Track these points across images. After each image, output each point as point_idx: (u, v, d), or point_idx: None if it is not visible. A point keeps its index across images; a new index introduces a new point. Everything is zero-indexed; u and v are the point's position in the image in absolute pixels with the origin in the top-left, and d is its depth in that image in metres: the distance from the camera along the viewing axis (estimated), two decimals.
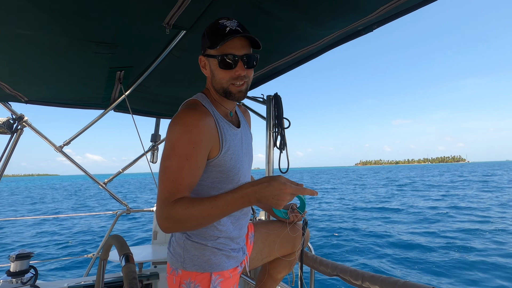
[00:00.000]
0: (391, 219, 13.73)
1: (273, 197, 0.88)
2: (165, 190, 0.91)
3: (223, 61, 0.99)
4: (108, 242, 1.12)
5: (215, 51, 1.00)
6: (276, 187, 0.88)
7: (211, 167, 1.04)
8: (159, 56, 1.63)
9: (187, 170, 0.93)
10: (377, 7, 1.16)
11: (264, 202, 0.89)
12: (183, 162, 0.93)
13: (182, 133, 0.94)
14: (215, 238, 1.09)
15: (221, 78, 1.02)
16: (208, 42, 1.02)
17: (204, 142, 0.97)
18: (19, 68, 1.70)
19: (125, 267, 0.88)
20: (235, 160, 1.09)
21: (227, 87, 1.03)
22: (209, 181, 1.06)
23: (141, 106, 2.74)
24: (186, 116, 0.97)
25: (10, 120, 2.27)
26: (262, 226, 1.43)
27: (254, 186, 0.89)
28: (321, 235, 10.49)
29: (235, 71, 1.00)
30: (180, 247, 1.08)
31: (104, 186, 2.82)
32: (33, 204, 25.66)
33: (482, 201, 18.66)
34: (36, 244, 10.03)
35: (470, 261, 7.35)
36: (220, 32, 0.98)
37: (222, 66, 1.00)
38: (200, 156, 0.97)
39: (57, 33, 1.29)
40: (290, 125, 1.75)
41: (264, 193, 0.88)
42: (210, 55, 1.03)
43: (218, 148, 1.03)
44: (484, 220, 12.63)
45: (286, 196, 0.88)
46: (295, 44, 1.52)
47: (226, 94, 1.05)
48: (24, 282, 1.81)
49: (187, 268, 1.06)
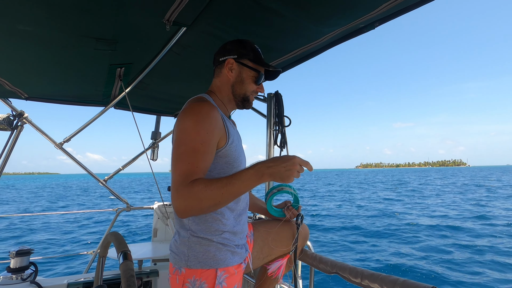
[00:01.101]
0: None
1: (285, 167, 0.95)
2: (182, 173, 0.95)
3: (261, 78, 1.20)
4: (106, 239, 1.12)
5: (255, 65, 1.18)
6: (286, 158, 0.97)
7: (218, 157, 1.09)
8: (159, 53, 1.62)
9: (202, 154, 0.99)
10: (380, 4, 1.15)
11: (276, 175, 0.96)
12: (198, 146, 0.98)
13: (196, 121, 1.01)
14: (220, 232, 1.10)
15: (249, 88, 1.19)
16: (251, 55, 1.18)
17: (216, 130, 1.04)
18: (19, 65, 1.69)
19: (122, 264, 0.88)
20: (239, 152, 1.16)
21: (249, 95, 1.21)
22: (216, 172, 1.10)
23: (141, 103, 2.73)
24: (198, 106, 1.04)
25: (10, 117, 2.27)
26: (260, 225, 1.44)
27: (266, 162, 0.98)
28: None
29: (260, 88, 1.23)
30: (185, 245, 1.09)
31: (104, 184, 2.83)
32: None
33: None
34: (36, 241, 10.07)
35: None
36: (260, 57, 1.21)
37: (256, 81, 1.19)
38: (213, 142, 1.03)
39: (57, 29, 1.28)
40: (291, 123, 1.74)
41: (276, 166, 0.96)
42: (248, 66, 1.18)
43: (225, 139, 1.09)
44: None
45: (296, 165, 0.96)
46: (296, 42, 1.51)
47: (243, 100, 1.21)
48: (24, 278, 1.81)
49: (192, 266, 1.06)
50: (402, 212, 16.07)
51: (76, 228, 12.37)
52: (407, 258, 7.83)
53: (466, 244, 9.18)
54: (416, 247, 8.96)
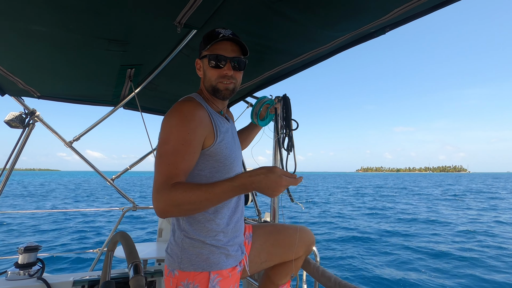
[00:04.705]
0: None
1: (269, 189, 0.91)
2: (162, 174, 0.95)
3: (213, 60, 1.10)
4: (115, 238, 1.11)
5: (207, 51, 1.11)
6: (272, 180, 0.91)
7: (208, 156, 1.08)
8: (169, 54, 1.64)
9: (182, 155, 0.98)
10: (391, 10, 1.15)
11: (259, 191, 0.93)
12: (179, 147, 0.97)
13: (177, 120, 1.01)
14: (213, 233, 1.10)
15: (211, 76, 1.12)
16: (203, 45, 1.13)
17: (199, 129, 1.02)
18: (32, 64, 1.73)
19: (133, 279, 0.83)
20: (230, 149, 1.14)
21: (215, 84, 1.13)
22: (207, 171, 1.09)
23: (150, 104, 2.76)
24: (180, 106, 1.04)
25: (23, 115, 2.31)
26: (261, 228, 1.42)
27: (251, 177, 0.92)
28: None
29: (223, 70, 1.11)
30: (178, 247, 1.08)
31: (111, 182, 2.85)
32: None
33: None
34: (44, 238, 10.20)
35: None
36: (214, 37, 1.09)
37: (212, 65, 1.11)
38: (195, 142, 1.01)
39: (70, 30, 1.30)
40: (298, 126, 1.74)
41: (261, 185, 0.91)
42: (203, 56, 1.13)
43: (213, 137, 1.08)
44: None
45: (281, 188, 0.92)
46: (305, 46, 1.51)
47: (214, 91, 1.14)
48: (31, 274, 1.84)
49: (185, 268, 1.06)
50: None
51: (83, 226, 12.50)
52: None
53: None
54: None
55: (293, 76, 1.92)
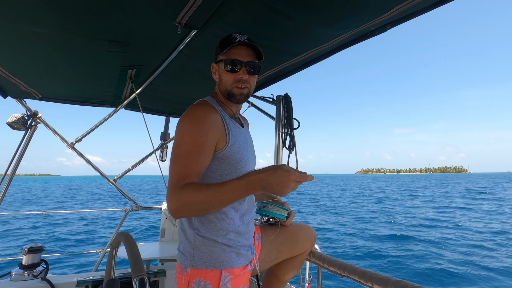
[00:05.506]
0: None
1: (278, 184, 0.90)
2: (175, 175, 0.98)
3: (229, 64, 1.12)
4: (119, 238, 1.09)
5: (223, 55, 1.13)
6: (280, 174, 0.90)
7: (220, 159, 1.09)
8: (170, 55, 1.64)
9: (195, 157, 1.00)
10: (392, 7, 1.14)
11: (269, 189, 0.92)
12: (192, 149, 1.00)
13: (190, 123, 1.03)
14: (224, 233, 1.11)
15: (227, 80, 1.14)
16: (219, 50, 1.16)
17: (211, 132, 1.04)
18: (34, 66, 1.73)
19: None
20: (242, 153, 1.15)
21: (230, 89, 1.14)
22: (218, 174, 1.10)
23: (151, 105, 2.77)
24: (194, 110, 1.07)
25: (25, 117, 2.32)
26: (270, 228, 1.44)
27: (259, 174, 0.92)
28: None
29: (238, 75, 1.12)
30: (190, 245, 1.10)
31: (114, 183, 2.86)
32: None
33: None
34: (48, 239, 10.25)
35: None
36: (230, 42, 1.12)
37: (228, 69, 1.13)
38: (207, 144, 1.03)
39: (71, 31, 1.31)
40: (300, 125, 1.74)
41: (269, 180, 0.90)
42: (219, 60, 1.15)
43: (225, 140, 1.09)
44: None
45: (290, 183, 0.90)
46: (306, 44, 1.51)
47: (229, 96, 1.16)
48: (35, 275, 1.85)
49: (197, 266, 1.07)
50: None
51: (86, 227, 12.55)
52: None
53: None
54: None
55: (292, 76, 1.93)
